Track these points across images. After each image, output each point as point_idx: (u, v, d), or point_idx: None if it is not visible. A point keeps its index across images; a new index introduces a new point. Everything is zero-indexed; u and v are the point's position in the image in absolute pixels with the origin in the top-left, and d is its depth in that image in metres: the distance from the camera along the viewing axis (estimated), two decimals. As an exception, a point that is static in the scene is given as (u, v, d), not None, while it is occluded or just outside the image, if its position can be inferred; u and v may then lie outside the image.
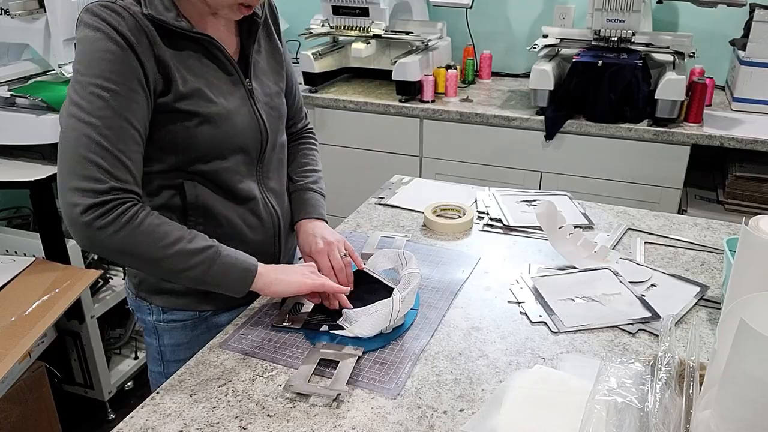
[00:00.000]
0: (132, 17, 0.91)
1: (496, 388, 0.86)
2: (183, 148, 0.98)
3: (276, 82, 1.13)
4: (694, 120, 2.02)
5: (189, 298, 1.09)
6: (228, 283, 0.97)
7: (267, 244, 1.13)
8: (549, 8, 2.58)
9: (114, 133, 0.89)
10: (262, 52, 1.11)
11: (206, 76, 0.99)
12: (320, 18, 2.47)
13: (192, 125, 0.97)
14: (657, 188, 2.07)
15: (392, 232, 1.32)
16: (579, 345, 0.95)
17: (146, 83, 0.92)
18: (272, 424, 0.81)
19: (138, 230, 0.90)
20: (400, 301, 0.96)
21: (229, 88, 1.02)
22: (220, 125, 0.99)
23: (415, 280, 1.00)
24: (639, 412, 0.75)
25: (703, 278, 1.13)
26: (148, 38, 0.92)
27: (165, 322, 1.12)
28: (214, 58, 1.01)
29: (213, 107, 0.98)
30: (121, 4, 0.91)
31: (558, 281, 1.12)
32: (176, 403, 0.84)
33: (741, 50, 2.14)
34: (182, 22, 0.96)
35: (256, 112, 1.06)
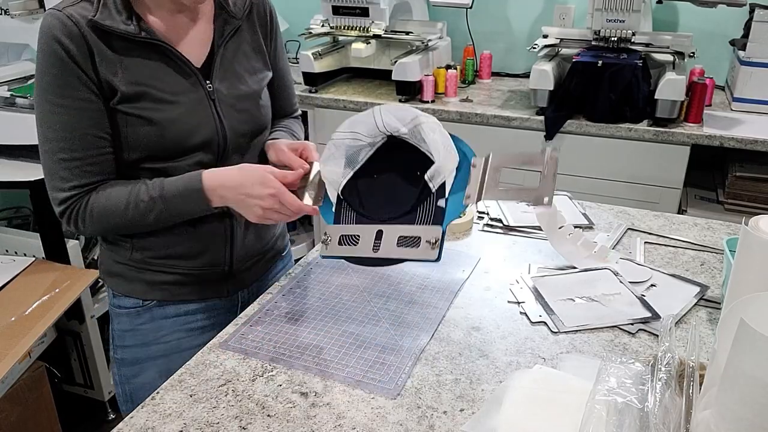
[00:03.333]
0: (74, 25, 0.92)
1: (496, 388, 0.86)
2: (132, 147, 1.00)
3: (252, 84, 1.11)
4: (694, 120, 2.02)
5: (135, 285, 1.11)
6: (191, 208, 1.00)
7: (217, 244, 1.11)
8: (549, 8, 2.58)
9: (70, 145, 0.95)
10: (240, 52, 1.10)
11: (157, 78, 0.99)
12: (320, 18, 2.47)
13: (138, 127, 0.98)
14: (657, 188, 2.07)
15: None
16: (579, 345, 0.95)
17: (96, 87, 0.95)
18: (272, 424, 0.81)
19: (95, 215, 0.98)
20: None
21: (185, 90, 1.01)
22: (168, 128, 0.99)
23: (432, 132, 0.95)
24: (639, 412, 0.75)
25: (703, 278, 1.13)
26: (88, 46, 0.93)
27: (115, 306, 1.15)
28: (167, 60, 1.00)
29: (160, 111, 0.98)
30: (68, 12, 0.93)
31: (558, 281, 1.12)
32: (176, 403, 0.84)
33: (741, 50, 2.14)
34: (131, 26, 0.95)
35: (215, 114, 1.04)
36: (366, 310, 1.04)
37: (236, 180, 0.99)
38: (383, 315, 1.03)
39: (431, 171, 0.94)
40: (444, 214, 0.93)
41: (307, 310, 1.04)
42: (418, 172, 0.96)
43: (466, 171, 0.96)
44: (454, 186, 0.95)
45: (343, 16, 2.41)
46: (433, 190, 0.94)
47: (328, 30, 2.47)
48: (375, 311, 1.04)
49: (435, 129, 0.96)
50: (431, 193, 0.94)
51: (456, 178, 0.95)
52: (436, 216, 0.93)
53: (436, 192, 0.94)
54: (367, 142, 1.00)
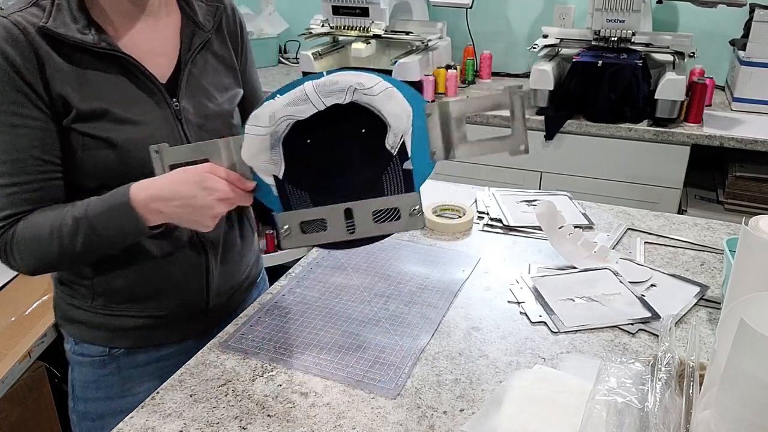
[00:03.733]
0: (21, 33, 0.82)
1: (496, 388, 0.86)
2: (89, 174, 0.89)
3: (222, 103, 1.01)
4: (694, 120, 2.02)
5: (99, 332, 1.00)
6: (122, 228, 0.86)
7: (192, 280, 1.02)
8: (549, 8, 2.58)
9: (9, 168, 0.85)
10: (209, 67, 1.00)
11: (118, 95, 0.89)
12: (320, 18, 2.47)
13: (96, 150, 0.88)
14: (657, 188, 2.07)
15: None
16: (579, 345, 0.95)
17: (45, 104, 0.85)
18: (272, 424, 0.81)
19: (22, 246, 0.86)
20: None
21: (149, 109, 0.91)
22: (130, 151, 0.89)
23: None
24: (639, 412, 0.75)
25: (703, 278, 1.13)
26: (38, 57, 0.83)
27: (76, 354, 1.03)
28: (130, 75, 0.90)
29: (121, 132, 0.88)
30: (13, 18, 0.83)
31: (558, 281, 1.12)
32: (176, 403, 0.84)
33: (741, 50, 2.14)
34: (88, 35, 0.85)
35: (182, 135, 0.94)
36: (366, 310, 1.04)
37: (170, 190, 0.84)
38: (383, 315, 1.03)
39: (389, 136, 0.84)
40: (413, 177, 0.85)
41: (307, 310, 1.04)
42: (363, 130, 0.85)
43: (421, 122, 0.85)
44: (413, 143, 0.85)
45: (343, 16, 2.41)
46: (395, 154, 0.84)
47: (328, 30, 2.47)
48: (375, 311, 1.04)
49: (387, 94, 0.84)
50: (392, 156, 0.84)
51: (413, 134, 0.85)
52: (406, 181, 0.85)
53: (399, 155, 0.85)
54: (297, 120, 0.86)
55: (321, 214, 0.86)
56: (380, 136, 0.84)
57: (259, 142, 0.85)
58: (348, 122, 0.85)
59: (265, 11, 2.92)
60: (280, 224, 0.87)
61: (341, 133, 0.86)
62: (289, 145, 0.85)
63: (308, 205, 0.87)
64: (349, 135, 0.86)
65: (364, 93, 0.83)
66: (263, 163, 0.86)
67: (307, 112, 0.83)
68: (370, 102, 0.83)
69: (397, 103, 0.84)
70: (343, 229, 0.85)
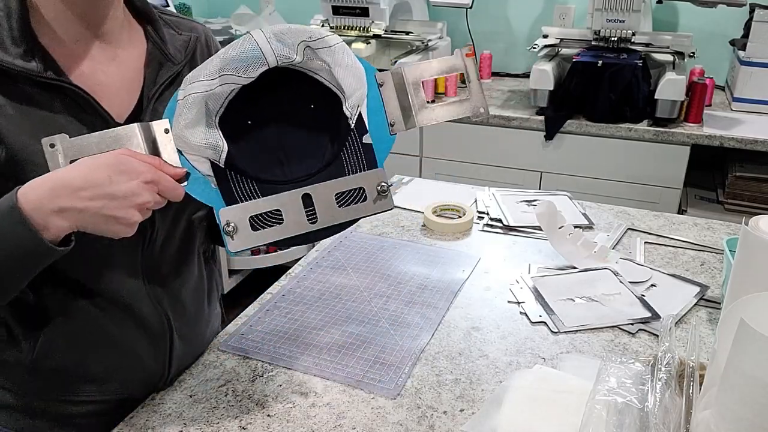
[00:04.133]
0: None
1: (496, 388, 0.86)
2: None
3: None
4: (694, 120, 2.02)
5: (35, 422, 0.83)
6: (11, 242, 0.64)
7: (153, 355, 0.86)
8: (549, 8, 2.58)
9: None
10: None
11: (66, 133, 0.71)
12: (320, 18, 2.47)
13: None
14: (657, 188, 2.07)
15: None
16: (579, 345, 0.95)
17: None
18: (272, 424, 0.81)
19: None
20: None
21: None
22: None
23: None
24: (639, 412, 0.75)
25: (703, 278, 1.13)
26: None
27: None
28: (79, 112, 0.74)
29: None
30: None
31: (558, 281, 1.12)
32: (176, 403, 0.84)
33: (741, 50, 2.14)
34: (32, 62, 0.70)
35: None
36: (366, 310, 1.04)
37: (77, 177, 0.64)
38: (383, 315, 1.03)
39: (351, 103, 0.75)
40: (374, 151, 0.77)
41: (307, 310, 1.04)
42: (312, 105, 0.77)
43: (374, 92, 0.78)
44: (369, 115, 0.78)
45: (343, 16, 2.41)
46: (352, 126, 0.76)
47: (328, 30, 2.47)
48: (375, 311, 1.04)
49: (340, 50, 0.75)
50: (350, 130, 0.76)
51: (367, 105, 0.78)
52: (367, 156, 0.76)
53: (357, 128, 0.76)
54: (240, 85, 0.73)
55: (274, 205, 0.74)
56: (332, 109, 0.75)
57: (195, 110, 0.71)
58: (290, 96, 0.76)
59: (265, 11, 2.92)
60: (224, 222, 0.73)
61: (286, 110, 0.76)
62: (227, 128, 0.73)
63: (257, 196, 0.74)
64: (295, 111, 0.76)
65: (319, 47, 0.73)
66: (199, 143, 0.72)
67: (255, 69, 0.71)
68: (325, 57, 0.74)
69: (352, 62, 0.75)
70: (303, 220, 0.74)
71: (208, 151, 0.72)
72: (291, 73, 0.75)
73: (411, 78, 0.79)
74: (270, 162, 0.76)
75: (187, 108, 0.71)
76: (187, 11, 2.88)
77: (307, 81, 0.76)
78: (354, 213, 0.75)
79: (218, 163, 0.73)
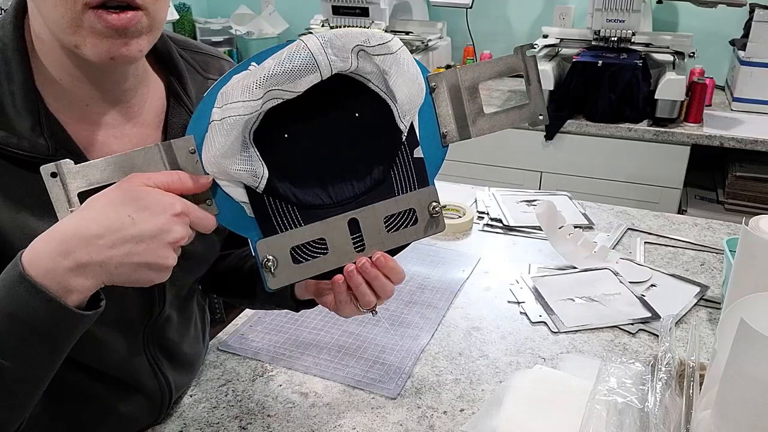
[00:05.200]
0: None
1: (496, 388, 0.86)
2: None
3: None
4: (694, 120, 2.02)
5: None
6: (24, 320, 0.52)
7: (148, 411, 0.79)
8: (549, 8, 2.58)
9: None
10: None
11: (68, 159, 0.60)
12: (320, 18, 2.47)
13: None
14: (657, 188, 2.07)
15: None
16: (579, 345, 0.95)
17: None
18: (272, 424, 0.81)
19: None
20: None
21: None
22: None
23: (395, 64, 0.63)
24: (639, 412, 0.75)
25: (703, 278, 1.13)
26: None
27: None
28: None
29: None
30: None
31: (558, 281, 1.12)
32: (176, 403, 0.84)
33: (741, 50, 2.14)
34: (41, 138, 0.60)
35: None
36: (366, 310, 1.04)
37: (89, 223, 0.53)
38: (383, 315, 1.02)
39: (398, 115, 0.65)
40: (425, 166, 0.68)
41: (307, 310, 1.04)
42: (356, 114, 0.65)
43: (426, 98, 0.68)
44: (421, 125, 0.68)
45: (343, 16, 2.41)
46: (404, 138, 0.66)
47: (328, 30, 2.47)
48: (375, 311, 1.04)
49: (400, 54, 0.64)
50: (400, 143, 0.66)
51: (419, 113, 0.68)
52: (418, 173, 0.68)
53: (408, 141, 0.67)
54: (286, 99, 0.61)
55: (318, 233, 0.65)
56: (380, 118, 0.65)
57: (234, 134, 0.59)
58: (332, 104, 0.64)
59: (265, 11, 2.92)
60: (263, 256, 0.64)
61: (327, 120, 0.65)
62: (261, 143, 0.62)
63: (298, 224, 0.65)
64: (337, 121, 0.65)
65: (379, 53, 0.62)
66: (236, 170, 0.61)
67: (305, 82, 0.60)
68: (380, 63, 0.63)
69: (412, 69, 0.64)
70: (350, 249, 0.66)
71: (245, 176, 0.61)
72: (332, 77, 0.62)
73: (467, 81, 0.69)
74: (311, 182, 0.65)
75: (224, 132, 0.59)
76: (187, 11, 2.88)
77: (352, 85, 0.64)
78: (403, 238, 0.67)
79: (256, 189, 0.63)
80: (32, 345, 0.53)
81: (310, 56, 0.59)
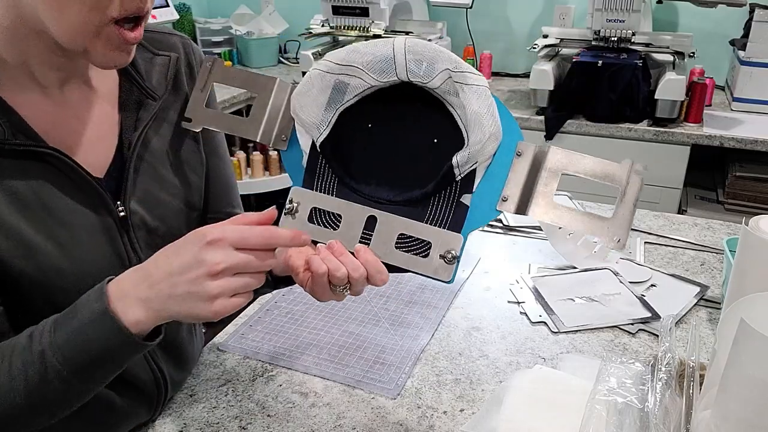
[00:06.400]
0: None
1: (496, 388, 0.86)
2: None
3: (186, 193, 0.78)
4: (694, 120, 2.02)
5: None
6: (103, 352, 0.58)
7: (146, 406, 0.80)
8: (549, 8, 2.58)
9: None
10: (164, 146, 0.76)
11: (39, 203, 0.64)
12: (320, 18, 2.47)
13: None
14: (657, 188, 2.07)
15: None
16: (579, 345, 0.95)
17: None
18: (272, 424, 0.81)
19: None
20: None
21: (82, 220, 0.67)
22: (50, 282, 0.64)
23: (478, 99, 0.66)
24: (639, 412, 0.75)
25: (703, 278, 1.13)
26: None
27: None
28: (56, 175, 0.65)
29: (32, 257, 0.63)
30: None
31: (558, 281, 1.12)
32: (176, 403, 0.84)
33: (741, 50, 2.14)
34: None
35: (128, 252, 0.71)
36: (366, 310, 1.04)
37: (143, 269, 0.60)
38: (383, 315, 1.03)
39: (463, 155, 0.65)
40: (467, 216, 0.68)
41: (307, 310, 1.04)
42: (435, 140, 0.68)
43: (505, 159, 0.68)
44: (486, 177, 0.68)
45: (343, 16, 2.41)
46: (458, 179, 0.67)
47: (328, 30, 2.47)
48: (375, 311, 1.04)
49: (483, 94, 0.65)
50: (454, 181, 0.67)
51: (490, 166, 0.68)
52: (456, 216, 0.68)
53: (462, 182, 0.67)
54: (368, 83, 0.67)
55: (340, 209, 0.69)
56: (452, 151, 0.66)
57: (318, 81, 0.66)
58: (422, 122, 0.68)
59: (265, 11, 2.92)
60: (290, 198, 0.70)
61: (410, 134, 0.69)
62: (345, 120, 0.69)
63: (331, 192, 0.70)
64: (417, 138, 0.69)
65: (458, 80, 0.65)
66: (311, 114, 0.67)
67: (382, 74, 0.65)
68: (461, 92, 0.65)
69: (486, 112, 0.65)
70: (356, 238, 0.68)
71: (312, 128, 0.68)
72: (429, 97, 0.67)
73: (553, 165, 0.68)
74: (362, 169, 0.70)
75: (307, 79, 0.67)
76: (187, 11, 2.88)
77: (444, 113, 0.67)
78: (405, 262, 0.67)
79: (315, 142, 0.69)
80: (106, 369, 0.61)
81: (390, 52, 0.64)
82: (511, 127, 0.68)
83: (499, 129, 0.66)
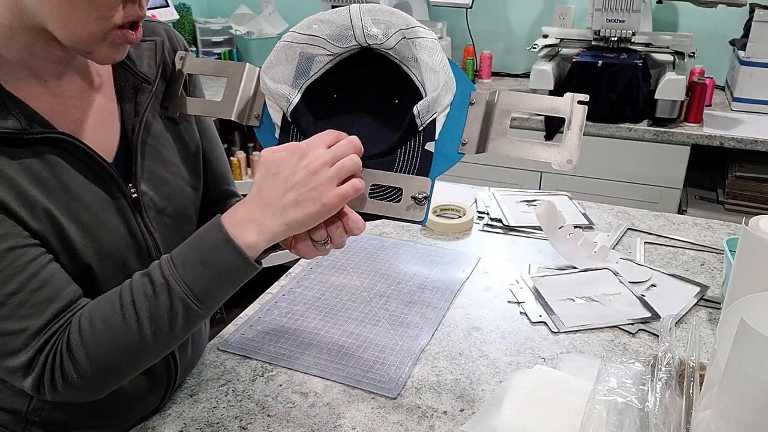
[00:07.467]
0: None
1: (496, 388, 0.86)
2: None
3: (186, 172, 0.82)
4: (694, 120, 2.02)
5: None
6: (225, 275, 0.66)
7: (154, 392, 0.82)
8: (549, 8, 2.58)
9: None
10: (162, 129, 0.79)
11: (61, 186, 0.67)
12: (320, 18, 2.47)
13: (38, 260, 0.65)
14: (657, 188, 2.07)
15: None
16: (579, 345, 0.95)
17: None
18: (272, 424, 0.81)
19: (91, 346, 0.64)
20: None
21: (100, 202, 0.70)
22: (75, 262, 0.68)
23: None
24: (639, 412, 0.75)
25: (703, 278, 1.13)
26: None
27: None
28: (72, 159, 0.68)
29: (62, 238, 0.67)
30: None
31: (558, 281, 1.12)
32: (176, 403, 0.84)
33: (741, 50, 2.14)
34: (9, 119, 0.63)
35: (143, 231, 0.75)
36: (366, 310, 1.04)
37: (252, 197, 0.67)
38: (383, 315, 1.03)
39: (423, 104, 0.70)
40: (433, 161, 0.73)
41: (307, 310, 1.04)
42: (396, 100, 0.74)
43: (461, 108, 0.74)
44: (445, 126, 0.73)
45: (343, 16, 2.41)
46: (420, 129, 0.72)
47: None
48: (375, 311, 1.04)
49: (434, 48, 0.71)
50: (417, 131, 0.73)
51: (448, 116, 0.74)
52: (422, 163, 0.73)
53: (424, 131, 0.73)
54: (331, 52, 0.73)
55: None
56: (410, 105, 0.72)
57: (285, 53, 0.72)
58: (382, 85, 0.74)
59: (265, 11, 2.92)
60: None
61: (372, 97, 0.75)
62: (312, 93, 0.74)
63: None
64: (379, 100, 0.75)
65: (410, 36, 0.70)
66: (280, 86, 0.73)
67: (341, 40, 0.71)
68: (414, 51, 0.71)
69: (439, 65, 0.71)
70: None
71: (281, 99, 0.73)
72: (388, 62, 0.74)
73: (503, 105, 0.74)
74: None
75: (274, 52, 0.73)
76: (187, 11, 2.88)
77: (403, 75, 0.74)
78: (381, 209, 0.72)
79: (286, 114, 0.74)
80: (226, 292, 0.67)
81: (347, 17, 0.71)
82: (463, 80, 0.74)
83: (452, 79, 0.72)
